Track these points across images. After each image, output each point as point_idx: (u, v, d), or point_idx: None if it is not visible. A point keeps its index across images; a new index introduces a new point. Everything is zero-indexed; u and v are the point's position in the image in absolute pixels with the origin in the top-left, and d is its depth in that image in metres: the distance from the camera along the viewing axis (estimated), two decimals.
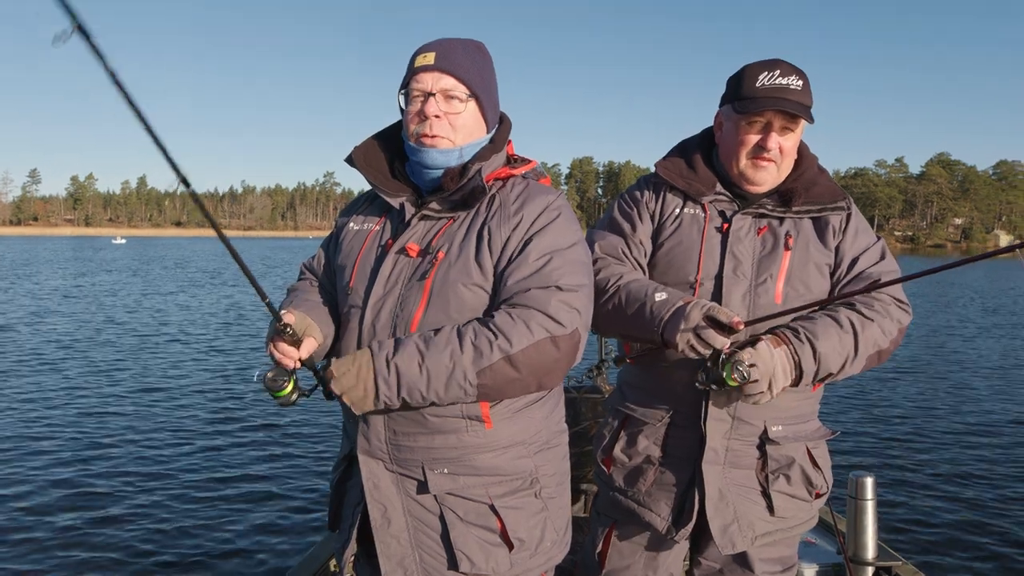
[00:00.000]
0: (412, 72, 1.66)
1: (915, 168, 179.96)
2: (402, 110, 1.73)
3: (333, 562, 3.17)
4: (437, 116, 1.65)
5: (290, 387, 1.63)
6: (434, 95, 1.64)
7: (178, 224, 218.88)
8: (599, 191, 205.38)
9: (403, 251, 1.66)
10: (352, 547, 1.73)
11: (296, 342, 1.60)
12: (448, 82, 1.65)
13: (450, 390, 1.51)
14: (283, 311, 1.66)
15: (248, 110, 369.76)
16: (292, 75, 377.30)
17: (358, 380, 1.53)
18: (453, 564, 1.64)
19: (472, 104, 1.69)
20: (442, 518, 1.64)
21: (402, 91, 1.70)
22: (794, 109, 1.87)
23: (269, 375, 1.62)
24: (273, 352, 1.62)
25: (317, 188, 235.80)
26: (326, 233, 2.02)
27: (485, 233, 1.63)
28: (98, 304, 21.61)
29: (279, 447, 7.54)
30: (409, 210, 1.71)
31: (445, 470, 1.64)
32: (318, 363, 1.73)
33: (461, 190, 1.65)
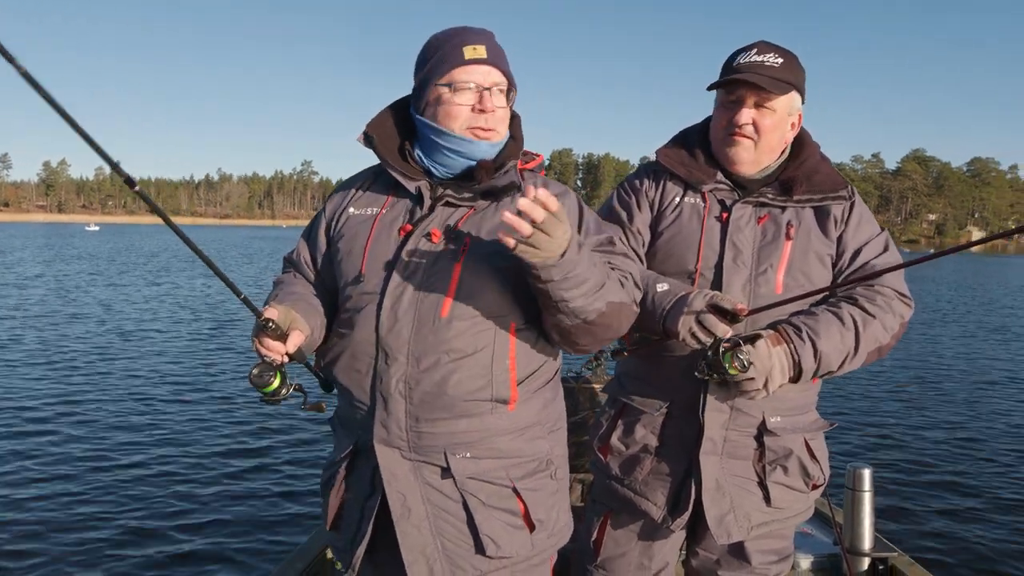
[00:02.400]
0: (462, 63, 1.62)
1: (891, 164, 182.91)
2: (419, 91, 1.69)
3: (328, 554, 3.13)
4: (493, 111, 1.64)
5: (277, 382, 1.59)
6: (488, 89, 1.63)
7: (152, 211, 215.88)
8: (578, 183, 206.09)
9: (425, 236, 1.63)
10: (366, 542, 1.68)
11: (281, 336, 1.56)
12: (498, 76, 1.65)
13: (589, 298, 1.53)
14: (267, 305, 1.63)
15: (225, 96, 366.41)
16: (269, 61, 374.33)
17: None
18: (480, 549, 1.62)
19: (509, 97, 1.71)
20: (464, 504, 1.62)
21: (443, 80, 1.64)
22: (761, 83, 1.85)
23: (254, 371, 1.58)
24: (259, 348, 1.58)
25: (295, 177, 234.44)
26: (303, 222, 1.93)
27: None
28: (74, 293, 21.28)
29: (268, 440, 7.44)
30: (428, 195, 1.67)
31: (468, 454, 1.62)
32: (308, 356, 1.70)
33: (494, 183, 1.65)
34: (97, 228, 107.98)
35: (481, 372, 1.59)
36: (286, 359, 1.59)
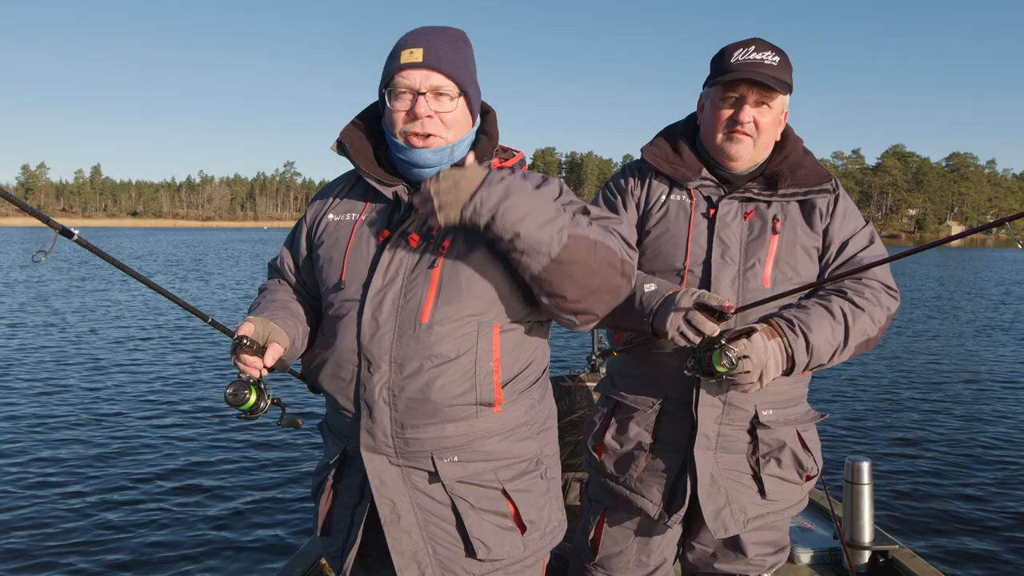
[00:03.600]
0: (398, 68, 1.59)
1: (871, 160, 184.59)
2: (383, 102, 1.67)
3: (323, 562, 3.11)
4: (429, 116, 1.59)
5: (253, 398, 1.60)
6: (424, 94, 1.59)
7: (134, 214, 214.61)
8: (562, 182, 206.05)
9: (404, 241, 1.61)
10: (356, 548, 1.67)
11: (259, 351, 1.58)
12: (437, 80, 1.59)
13: (545, 228, 1.46)
14: (245, 318, 1.64)
15: (205, 97, 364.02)
16: (251, 61, 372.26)
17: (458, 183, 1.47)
18: (470, 552, 1.62)
19: (461, 100, 1.64)
20: (453, 508, 1.62)
21: (384, 86, 1.63)
22: (765, 80, 1.86)
23: (229, 391, 1.59)
24: (237, 364, 1.59)
25: (277, 178, 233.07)
26: (286, 224, 1.90)
27: None
28: (59, 301, 21.02)
29: (262, 446, 7.37)
30: (406, 199, 1.66)
31: (455, 458, 1.61)
32: (291, 363, 1.71)
33: None
34: (76, 232, 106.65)
35: (465, 376, 1.57)
36: (265, 372, 1.60)
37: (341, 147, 1.70)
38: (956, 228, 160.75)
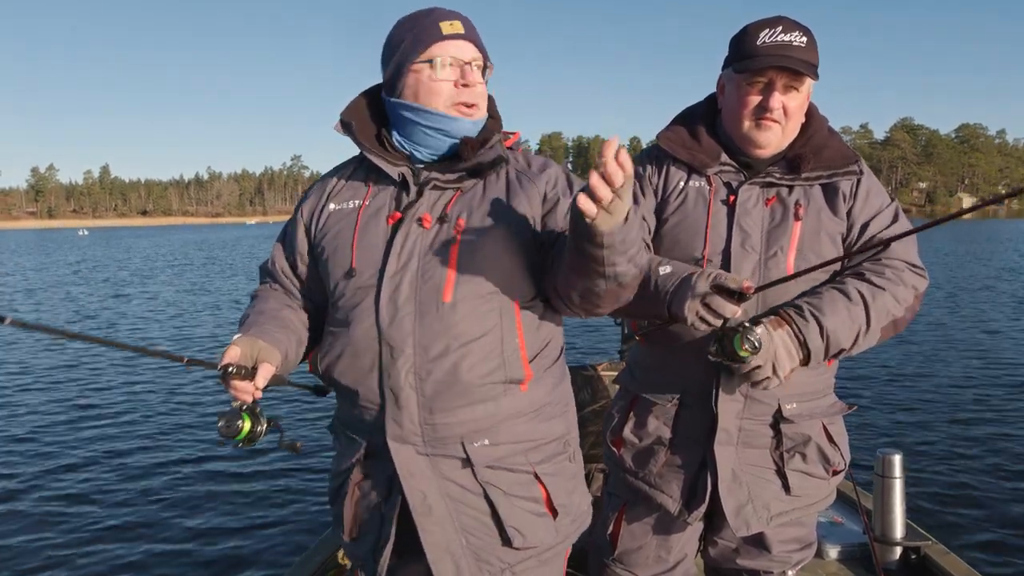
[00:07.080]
0: (441, 38, 1.59)
1: (880, 134, 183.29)
2: (395, 75, 1.64)
3: (339, 557, 3.10)
4: (475, 85, 1.61)
5: (247, 426, 1.55)
6: (469, 63, 1.60)
7: (144, 213, 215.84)
8: (569, 167, 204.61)
9: (416, 222, 1.58)
10: (391, 545, 1.62)
11: (249, 375, 1.52)
12: (475, 52, 1.62)
13: (634, 263, 1.44)
14: (232, 340, 1.57)
15: (211, 93, 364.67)
16: (252, 57, 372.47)
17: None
18: (506, 541, 1.59)
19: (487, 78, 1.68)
20: (486, 496, 1.58)
21: (422, 58, 1.60)
22: (796, 66, 1.78)
23: (221, 424, 1.54)
24: (229, 391, 1.54)
25: (285, 172, 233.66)
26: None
27: (516, 197, 1.61)
28: (79, 299, 21.11)
29: (273, 445, 7.35)
30: (413, 180, 1.63)
31: (486, 441, 1.58)
32: (288, 375, 1.66)
33: (480, 158, 1.61)
34: (86, 233, 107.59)
35: (492, 354, 1.55)
36: (258, 395, 1.55)
37: (346, 127, 1.67)
38: (967, 200, 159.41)
